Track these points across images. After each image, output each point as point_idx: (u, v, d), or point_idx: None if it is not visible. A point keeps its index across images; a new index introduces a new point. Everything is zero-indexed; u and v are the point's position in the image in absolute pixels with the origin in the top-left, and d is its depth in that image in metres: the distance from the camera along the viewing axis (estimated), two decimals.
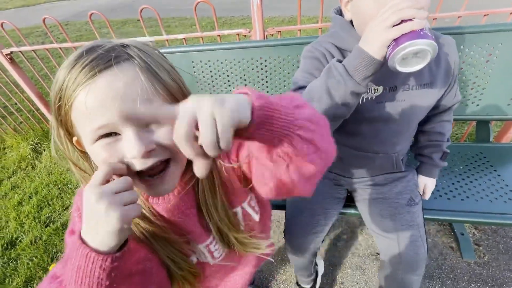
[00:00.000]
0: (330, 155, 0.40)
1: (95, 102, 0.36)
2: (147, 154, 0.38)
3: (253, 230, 0.60)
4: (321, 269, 1.30)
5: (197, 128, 0.28)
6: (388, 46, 0.48)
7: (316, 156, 0.37)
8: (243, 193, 0.54)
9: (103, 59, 0.37)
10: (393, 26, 0.46)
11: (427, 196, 0.95)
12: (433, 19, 1.26)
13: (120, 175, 0.39)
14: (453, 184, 1.02)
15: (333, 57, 0.69)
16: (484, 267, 1.27)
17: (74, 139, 0.43)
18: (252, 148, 0.40)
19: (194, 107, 0.27)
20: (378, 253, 1.37)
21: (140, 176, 0.41)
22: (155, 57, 0.41)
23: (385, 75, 0.67)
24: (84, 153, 0.44)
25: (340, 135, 0.78)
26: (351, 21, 0.68)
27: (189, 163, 0.40)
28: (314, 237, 0.94)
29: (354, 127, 0.76)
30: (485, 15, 1.22)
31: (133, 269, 0.42)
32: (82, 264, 0.35)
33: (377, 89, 0.70)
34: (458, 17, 1.23)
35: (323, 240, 1.04)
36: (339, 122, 0.64)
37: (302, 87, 0.66)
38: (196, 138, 0.28)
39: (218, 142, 0.27)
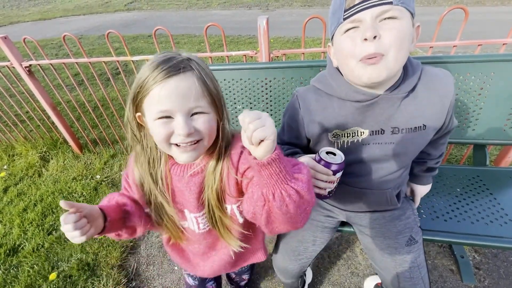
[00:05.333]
0: (297, 225, 0.54)
1: (165, 94, 0.54)
2: (189, 134, 0.56)
3: (234, 228, 0.75)
4: (308, 279, 1.30)
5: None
6: None
7: (284, 217, 0.51)
8: (235, 198, 0.69)
9: (175, 68, 0.55)
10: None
11: (416, 202, 0.99)
12: (430, 47, 1.33)
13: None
14: (450, 206, 1.04)
15: (309, 111, 0.75)
16: None
17: (137, 114, 0.61)
18: (255, 179, 0.56)
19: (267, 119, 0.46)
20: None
21: (176, 146, 0.60)
22: (206, 70, 0.60)
23: (373, 119, 0.70)
24: (139, 124, 0.64)
25: None
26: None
27: (209, 149, 0.66)
28: (300, 263, 0.94)
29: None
30: (479, 45, 1.29)
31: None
32: None
33: (363, 132, 0.72)
34: (454, 46, 1.30)
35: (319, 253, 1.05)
36: None
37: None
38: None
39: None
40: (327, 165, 0.64)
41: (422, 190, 0.97)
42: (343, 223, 1.02)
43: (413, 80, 0.67)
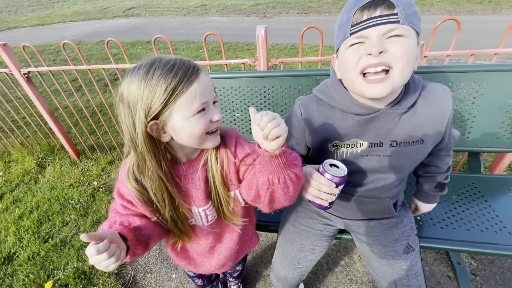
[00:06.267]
0: (292, 201, 0.65)
1: (203, 88, 0.60)
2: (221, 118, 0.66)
3: (237, 210, 0.82)
4: None
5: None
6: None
7: (285, 196, 0.62)
8: (236, 184, 0.75)
9: (196, 67, 0.61)
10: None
11: (415, 214, 1.00)
12: (424, 57, 1.36)
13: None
14: (446, 213, 1.06)
15: (311, 122, 0.76)
16: None
17: (152, 122, 0.59)
18: (260, 166, 0.63)
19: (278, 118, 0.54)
20: None
21: (209, 134, 0.66)
22: None
23: (372, 132, 0.72)
24: (148, 134, 0.61)
25: None
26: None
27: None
28: (300, 271, 0.95)
29: None
30: (471, 54, 1.33)
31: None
32: None
33: (362, 143, 0.74)
34: (447, 55, 1.34)
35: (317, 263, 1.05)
36: None
37: None
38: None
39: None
40: (331, 177, 0.66)
41: (426, 208, 0.97)
42: (341, 231, 1.02)
43: (414, 97, 0.68)
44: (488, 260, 1.41)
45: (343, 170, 0.68)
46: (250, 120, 1.35)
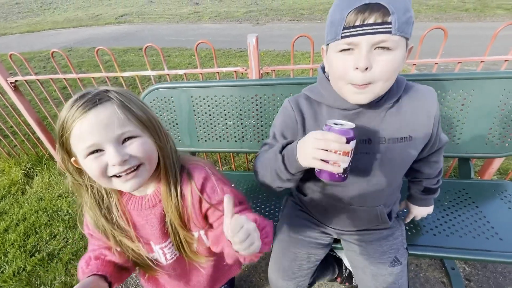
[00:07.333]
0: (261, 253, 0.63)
1: (86, 129, 0.53)
2: (123, 162, 0.56)
3: (202, 250, 0.78)
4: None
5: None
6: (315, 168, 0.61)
7: (251, 258, 0.62)
8: (202, 226, 0.73)
9: (91, 101, 0.54)
10: (320, 159, 0.57)
11: (406, 220, 1.01)
12: (413, 64, 1.39)
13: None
14: (438, 219, 1.06)
15: (302, 114, 0.76)
16: None
17: (73, 159, 0.59)
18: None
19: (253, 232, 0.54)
20: None
21: (117, 177, 0.58)
22: (128, 96, 0.60)
23: (359, 128, 0.70)
24: (78, 169, 0.62)
25: (324, 185, 0.82)
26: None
27: (154, 173, 0.66)
28: (296, 281, 0.92)
29: None
30: (458, 62, 1.36)
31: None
32: None
33: None
34: (435, 63, 1.36)
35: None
36: (289, 185, 0.72)
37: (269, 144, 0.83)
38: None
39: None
40: (340, 131, 0.56)
41: (417, 211, 0.96)
42: (336, 241, 1.01)
43: (398, 92, 0.70)
44: (481, 265, 1.42)
45: (350, 125, 0.59)
46: (242, 128, 1.35)
